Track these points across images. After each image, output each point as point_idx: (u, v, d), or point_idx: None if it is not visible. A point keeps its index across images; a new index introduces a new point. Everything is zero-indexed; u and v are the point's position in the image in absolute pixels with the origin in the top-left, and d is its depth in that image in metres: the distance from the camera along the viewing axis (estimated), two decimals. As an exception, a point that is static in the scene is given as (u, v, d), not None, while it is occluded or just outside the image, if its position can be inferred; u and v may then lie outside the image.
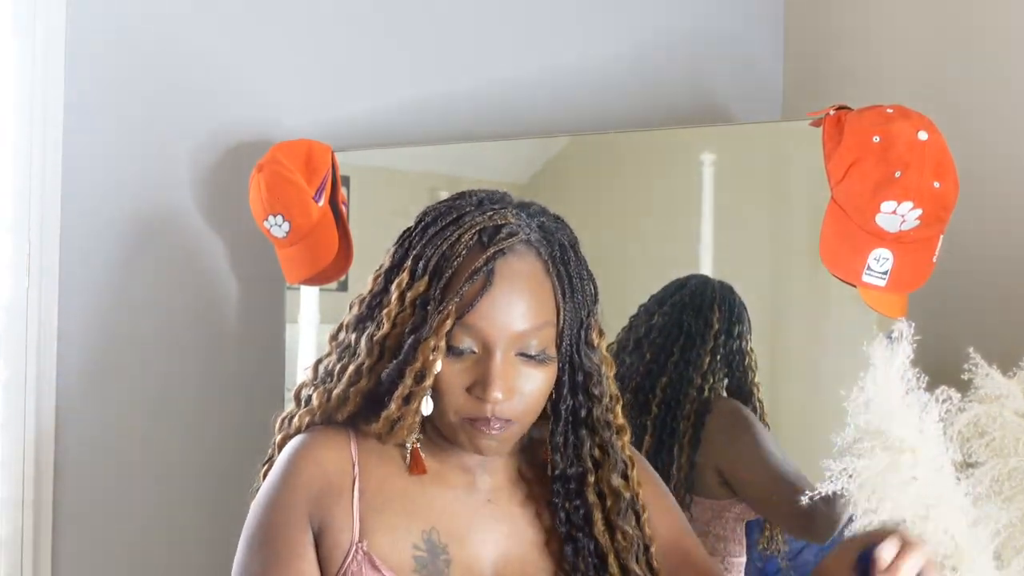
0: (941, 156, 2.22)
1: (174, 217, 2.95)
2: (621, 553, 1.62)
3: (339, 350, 1.63)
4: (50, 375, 2.81)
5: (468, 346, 1.52)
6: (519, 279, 1.53)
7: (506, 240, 1.53)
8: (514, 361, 1.53)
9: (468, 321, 1.51)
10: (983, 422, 2.04)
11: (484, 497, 1.64)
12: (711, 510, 2.58)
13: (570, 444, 1.62)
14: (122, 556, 2.93)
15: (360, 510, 1.56)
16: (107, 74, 2.87)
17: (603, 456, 1.64)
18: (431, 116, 3.13)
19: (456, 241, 1.54)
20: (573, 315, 1.57)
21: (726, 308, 2.65)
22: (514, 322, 1.51)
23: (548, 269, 1.55)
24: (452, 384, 1.53)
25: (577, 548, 1.62)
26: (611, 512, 1.63)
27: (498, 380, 1.51)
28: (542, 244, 1.56)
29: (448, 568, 1.57)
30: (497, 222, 1.55)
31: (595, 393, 1.62)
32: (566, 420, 1.62)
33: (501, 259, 1.52)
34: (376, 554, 1.54)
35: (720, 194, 2.76)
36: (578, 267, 1.59)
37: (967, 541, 1.80)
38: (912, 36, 2.97)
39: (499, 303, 1.51)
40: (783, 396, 2.68)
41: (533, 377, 1.54)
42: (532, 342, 1.53)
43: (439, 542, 1.58)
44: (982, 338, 2.18)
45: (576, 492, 1.63)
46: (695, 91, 3.38)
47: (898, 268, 2.25)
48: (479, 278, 1.51)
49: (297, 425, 1.65)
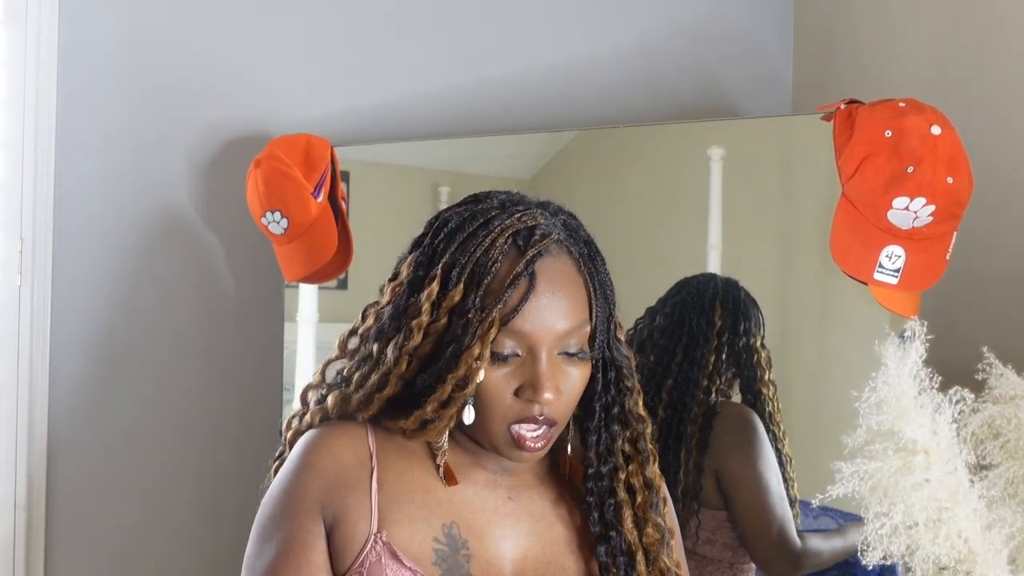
0: (955, 151, 2.20)
1: (169, 214, 2.93)
2: (652, 548, 1.64)
3: (356, 357, 1.64)
4: (43, 375, 2.80)
5: (512, 350, 1.54)
6: (559, 279, 1.55)
7: (542, 242, 1.55)
8: (557, 361, 1.55)
9: (514, 326, 1.52)
10: (997, 423, 2.02)
11: (505, 494, 1.65)
12: (714, 519, 2.55)
13: (603, 441, 1.64)
14: (116, 557, 2.91)
15: (379, 501, 1.57)
16: (101, 67, 2.86)
17: (634, 451, 1.66)
18: (433, 110, 3.11)
19: (490, 246, 1.54)
20: (604, 311, 1.60)
21: (729, 305, 2.62)
22: (558, 323, 1.53)
23: (580, 268, 1.58)
24: (499, 389, 1.54)
25: (610, 548, 1.63)
26: (643, 506, 1.65)
27: (548, 381, 1.52)
28: (571, 243, 1.58)
29: (468, 563, 1.58)
30: (528, 223, 1.56)
31: (628, 386, 1.65)
32: (600, 416, 1.64)
33: (540, 260, 1.54)
34: (396, 544, 1.55)
35: (729, 189, 2.74)
36: (602, 264, 1.62)
37: (981, 545, 1.84)
38: (924, 28, 2.94)
39: (543, 305, 1.53)
40: (793, 397, 2.66)
41: (572, 376, 1.56)
42: (572, 340, 1.55)
43: (460, 536, 1.59)
44: (996, 337, 2.16)
45: (609, 490, 1.64)
46: (703, 85, 3.36)
47: (911, 265, 2.23)
48: (522, 282, 1.52)
49: (309, 421, 1.66)
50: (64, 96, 2.80)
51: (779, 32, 3.41)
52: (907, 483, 1.79)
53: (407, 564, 1.53)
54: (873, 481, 1.80)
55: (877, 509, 1.81)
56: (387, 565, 1.53)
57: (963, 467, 1.85)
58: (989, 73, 2.78)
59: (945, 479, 1.81)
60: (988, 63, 2.78)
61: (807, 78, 3.34)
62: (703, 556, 2.54)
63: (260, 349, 2.98)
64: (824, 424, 2.62)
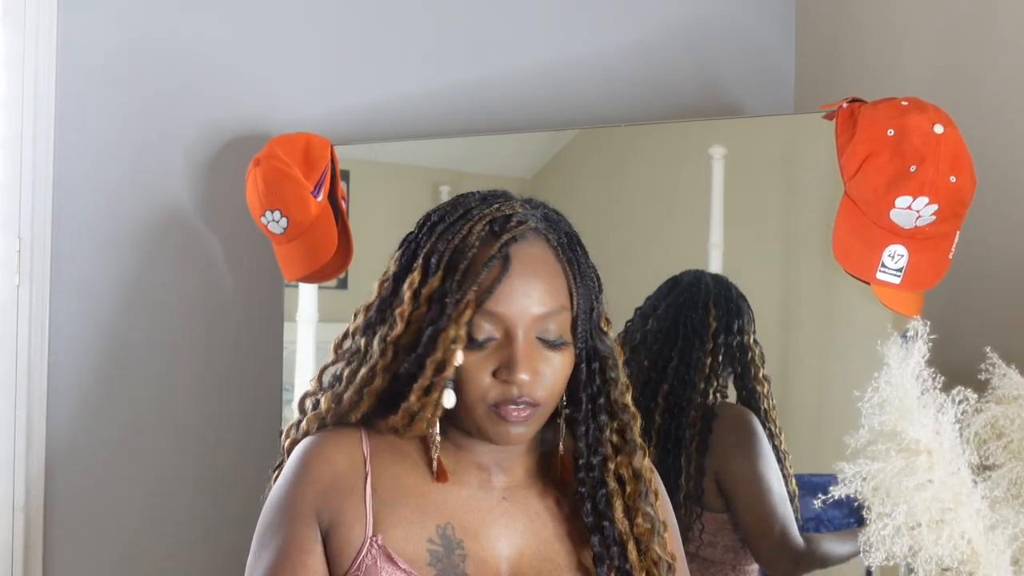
0: (957, 150, 2.19)
1: (168, 213, 2.92)
2: (642, 537, 1.65)
3: (347, 355, 1.68)
4: (41, 375, 2.79)
5: (489, 334, 1.56)
6: (534, 263, 1.58)
7: (517, 227, 1.58)
8: (535, 344, 1.57)
9: (488, 308, 1.55)
10: (1000, 423, 2.03)
11: (499, 495, 1.67)
12: (716, 521, 2.54)
13: (591, 430, 1.66)
14: (115, 557, 2.91)
15: (373, 505, 1.59)
16: (99, 66, 2.85)
17: (622, 441, 1.67)
18: (434, 108, 3.10)
19: (468, 233, 1.59)
20: (585, 300, 1.62)
21: (722, 304, 2.61)
22: (532, 306, 1.56)
23: (559, 255, 1.60)
24: (477, 371, 1.57)
25: (604, 538, 1.64)
26: (633, 496, 1.67)
27: (524, 361, 1.55)
28: (550, 231, 1.61)
29: (464, 563, 1.60)
30: (506, 212, 1.60)
31: (612, 376, 1.66)
32: (586, 406, 1.65)
33: (515, 245, 1.57)
34: (391, 547, 1.57)
35: (730, 188, 2.73)
36: (584, 255, 1.64)
37: (984, 546, 1.84)
38: (926, 26, 2.93)
39: (517, 287, 1.56)
40: (795, 397, 2.66)
41: (553, 361, 1.58)
42: (550, 327, 1.58)
43: (454, 537, 1.61)
44: (1000, 337, 2.16)
45: (599, 480, 1.65)
46: (705, 83, 3.35)
47: (913, 265, 2.22)
48: (495, 264, 1.56)
49: (305, 429, 1.70)
50: (62, 95, 2.80)
51: (781, 30, 3.40)
52: (910, 484, 1.79)
53: (402, 566, 1.56)
54: (876, 482, 1.80)
55: (880, 510, 1.81)
56: (383, 568, 1.56)
57: (966, 468, 1.85)
58: (992, 71, 2.77)
59: (948, 480, 1.81)
60: (991, 61, 2.77)
61: (809, 76, 3.33)
62: (705, 559, 2.54)
63: (260, 349, 2.97)
64: (826, 424, 2.61)
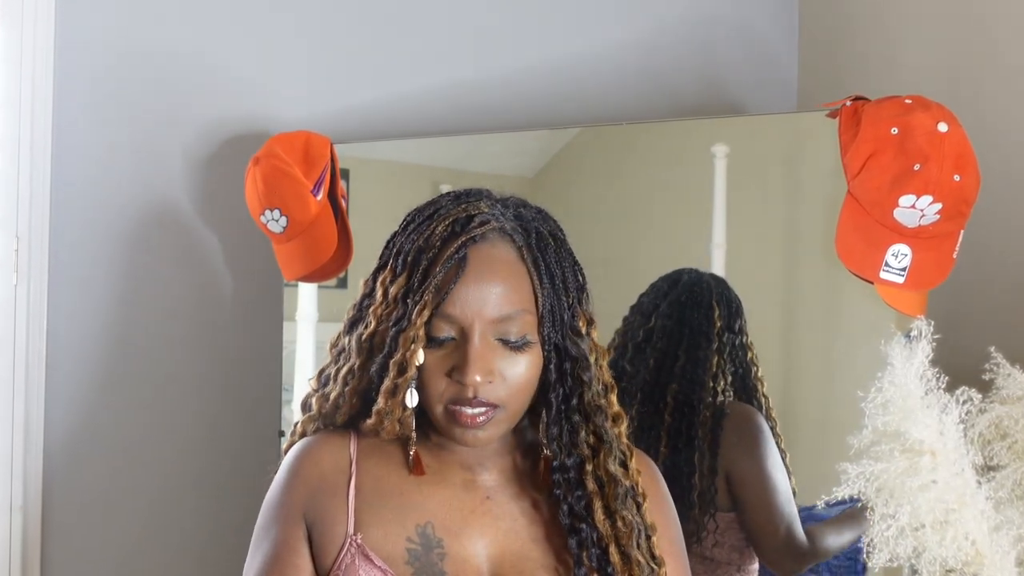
0: (961, 148, 2.18)
1: (167, 212, 2.92)
2: (621, 540, 1.65)
3: (336, 355, 1.71)
4: (39, 374, 2.80)
5: (447, 334, 1.59)
6: (493, 265, 1.59)
7: (478, 228, 1.60)
8: (494, 346, 1.59)
9: (444, 309, 1.57)
10: (1005, 424, 2.03)
11: (483, 494, 1.68)
12: (723, 520, 2.54)
13: (565, 432, 1.66)
14: (113, 557, 2.91)
15: (356, 505, 1.64)
16: (98, 66, 2.85)
17: (599, 443, 1.67)
18: (435, 107, 3.10)
19: (431, 234, 1.61)
20: (554, 302, 1.62)
21: (724, 303, 2.62)
22: (488, 308, 1.58)
23: (523, 256, 1.62)
24: (433, 371, 1.59)
25: (581, 540, 1.65)
26: (610, 499, 1.66)
27: (475, 362, 1.56)
28: (517, 232, 1.62)
29: (442, 561, 1.62)
30: (470, 212, 1.62)
31: (584, 379, 1.66)
32: (558, 408, 1.65)
33: (473, 246, 1.59)
34: (369, 546, 1.61)
35: (733, 187, 2.73)
36: (558, 255, 1.64)
37: (988, 547, 1.86)
38: (930, 24, 2.93)
39: (472, 289, 1.57)
40: (797, 397, 2.66)
41: (516, 362, 1.60)
42: (511, 328, 1.59)
43: (434, 535, 1.63)
44: (1004, 337, 2.16)
45: (576, 482, 1.66)
46: (707, 82, 3.35)
47: (917, 264, 2.21)
48: (452, 265, 1.58)
49: (300, 431, 1.75)
50: (60, 94, 2.80)
51: (784, 28, 3.40)
52: (914, 484, 1.80)
53: (378, 564, 1.60)
54: (879, 482, 1.81)
55: (883, 511, 1.81)
56: (360, 566, 1.60)
57: (970, 468, 1.85)
58: (996, 70, 2.76)
59: (952, 480, 1.81)
60: (995, 60, 2.77)
61: (812, 74, 3.33)
62: (711, 559, 2.53)
63: (259, 349, 2.97)
64: (830, 424, 2.60)
